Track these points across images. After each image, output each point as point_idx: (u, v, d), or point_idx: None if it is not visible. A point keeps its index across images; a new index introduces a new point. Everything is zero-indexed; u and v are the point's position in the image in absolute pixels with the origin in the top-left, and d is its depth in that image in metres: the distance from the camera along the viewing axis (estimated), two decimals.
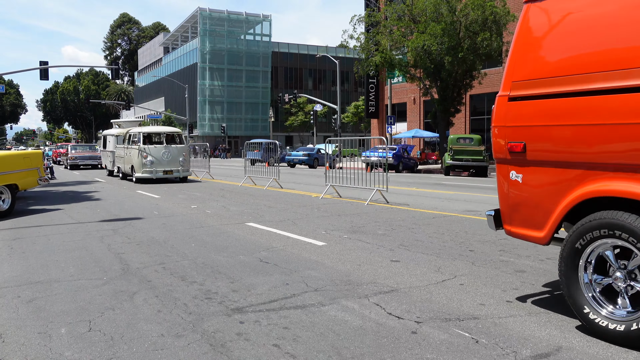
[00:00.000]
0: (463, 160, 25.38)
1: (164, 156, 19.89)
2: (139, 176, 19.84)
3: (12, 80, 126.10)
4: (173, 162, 20.13)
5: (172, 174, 20.14)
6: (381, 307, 4.55)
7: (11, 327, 4.18)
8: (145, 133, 20.55)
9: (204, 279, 5.58)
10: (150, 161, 19.60)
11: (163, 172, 19.86)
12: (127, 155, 21.13)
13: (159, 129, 21.78)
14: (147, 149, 19.69)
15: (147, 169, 19.62)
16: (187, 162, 20.86)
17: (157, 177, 19.83)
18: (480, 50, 27.09)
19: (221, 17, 75.27)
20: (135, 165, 20.02)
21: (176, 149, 20.32)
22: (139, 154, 19.68)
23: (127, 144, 21.28)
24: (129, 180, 21.71)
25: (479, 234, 8.22)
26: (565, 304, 4.57)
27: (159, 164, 19.79)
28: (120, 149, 22.80)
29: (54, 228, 9.37)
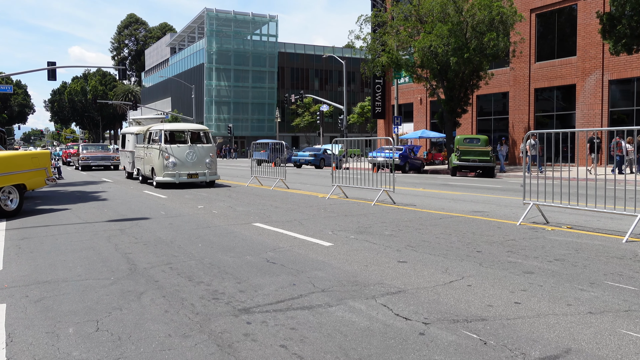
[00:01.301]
0: (470, 160, 25.29)
1: (189, 157, 17.42)
2: (160, 180, 17.33)
3: (20, 80, 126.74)
4: (199, 164, 17.65)
5: (198, 177, 17.62)
6: (388, 308, 4.54)
7: (19, 327, 4.19)
8: (167, 131, 18.14)
9: (211, 279, 5.58)
10: (172, 163, 17.16)
11: (187, 175, 17.39)
12: (147, 155, 18.72)
13: (183, 126, 19.23)
14: (169, 149, 17.22)
15: (169, 172, 17.20)
16: (215, 163, 18.21)
17: (181, 181, 17.28)
18: (487, 51, 26.98)
19: (228, 17, 75.40)
20: (156, 168, 17.60)
21: (202, 149, 17.82)
22: (159, 155, 17.32)
23: (147, 143, 18.88)
24: (149, 184, 19.38)
25: (486, 234, 8.19)
26: (574, 306, 4.54)
27: (182, 166, 17.33)
28: (140, 149, 20.30)
29: (62, 228, 9.41)
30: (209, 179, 17.90)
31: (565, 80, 30.77)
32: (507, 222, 9.50)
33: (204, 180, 17.80)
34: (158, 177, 17.43)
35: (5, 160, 11.24)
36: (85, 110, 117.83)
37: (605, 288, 5.10)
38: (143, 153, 19.38)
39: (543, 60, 32.16)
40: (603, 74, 28.87)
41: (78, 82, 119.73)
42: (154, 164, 17.85)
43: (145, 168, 19.16)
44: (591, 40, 29.07)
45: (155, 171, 17.70)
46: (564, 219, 9.78)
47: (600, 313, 4.36)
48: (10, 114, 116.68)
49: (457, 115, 30.13)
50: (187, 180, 17.40)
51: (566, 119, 31.34)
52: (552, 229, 8.60)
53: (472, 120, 36.55)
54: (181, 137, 19.27)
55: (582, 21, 29.62)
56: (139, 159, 20.29)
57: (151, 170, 18.21)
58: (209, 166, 17.82)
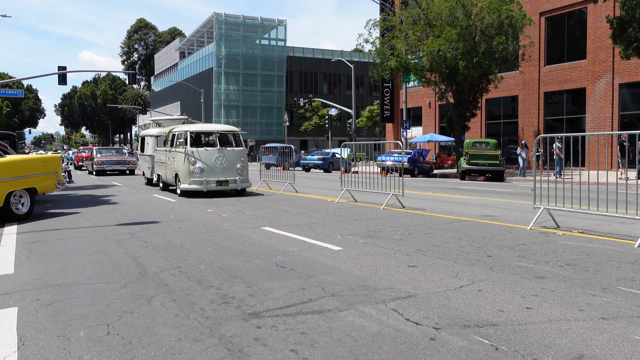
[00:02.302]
0: (479, 164, 25.21)
1: (217, 162, 15.55)
2: (185, 188, 15.46)
3: (31, 85, 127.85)
4: (229, 170, 15.75)
5: (228, 185, 15.68)
6: (399, 313, 4.52)
7: (31, 330, 4.21)
8: (193, 132, 16.22)
9: (221, 283, 5.58)
10: (199, 168, 15.29)
11: (216, 182, 15.46)
12: (170, 160, 16.96)
13: (211, 127, 17.65)
14: (195, 153, 15.37)
15: (195, 179, 15.30)
16: (246, 169, 16.38)
17: (209, 189, 15.42)
18: (496, 54, 26.91)
19: (237, 22, 75.69)
20: (181, 174, 15.74)
21: (233, 153, 15.95)
22: (185, 159, 15.48)
23: (169, 146, 17.29)
24: (171, 191, 17.85)
25: (496, 239, 8.15)
26: (586, 311, 4.51)
27: (211, 173, 15.46)
28: (160, 153, 18.54)
29: (72, 232, 9.46)
30: (240, 187, 15.96)
31: (575, 83, 30.61)
32: (518, 226, 9.45)
33: (234, 188, 15.92)
34: (183, 184, 15.57)
35: (16, 164, 11.33)
36: (95, 114, 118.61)
37: (617, 293, 5.05)
38: (165, 157, 17.66)
39: (553, 63, 32.03)
40: (613, 78, 28.70)
41: (88, 87, 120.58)
42: (178, 170, 16.03)
43: (168, 174, 17.43)
44: (601, 44, 28.92)
45: (179, 178, 15.86)
46: (575, 223, 9.72)
47: (613, 319, 4.32)
48: (21, 118, 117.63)
49: (466, 119, 30.06)
50: (216, 189, 15.54)
51: (576, 123, 31.17)
52: (563, 234, 8.55)
53: (481, 124, 36.44)
54: (209, 139, 17.51)
55: (592, 24, 29.48)
56: (160, 163, 18.58)
57: (174, 177, 16.44)
58: (240, 172, 15.93)
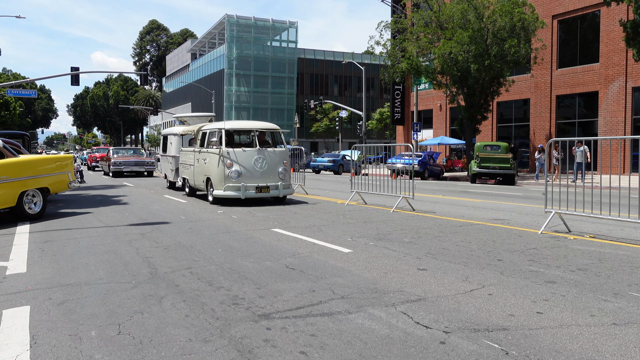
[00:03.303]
0: (490, 167, 25.11)
1: (257, 165, 13.55)
2: (219, 195, 13.53)
3: (44, 85, 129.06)
4: (270, 174, 13.76)
5: (269, 191, 13.73)
6: (408, 316, 4.51)
7: (43, 329, 4.25)
8: (229, 130, 14.33)
9: (231, 285, 5.60)
10: (236, 172, 13.34)
11: (256, 189, 13.52)
12: (200, 162, 14.90)
13: (249, 124, 15.51)
14: (232, 154, 13.44)
15: (232, 184, 13.38)
16: (289, 173, 14.41)
17: (248, 196, 13.47)
18: (508, 57, 26.79)
19: (248, 23, 75.93)
20: (214, 178, 13.76)
21: (274, 154, 13.97)
22: (219, 162, 13.52)
23: (198, 145, 15.36)
24: (199, 196, 16.14)
25: (507, 243, 8.11)
26: (598, 317, 4.48)
27: (249, 177, 13.49)
28: (187, 154, 16.52)
29: (84, 231, 9.53)
30: (283, 194, 13.97)
31: (588, 87, 30.41)
32: (529, 230, 9.40)
33: (275, 195, 13.96)
34: (217, 190, 13.59)
35: (29, 164, 11.43)
36: (107, 114, 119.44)
37: (629, 299, 5.02)
38: (193, 159, 15.56)
39: (565, 66, 31.84)
40: (626, 81, 28.48)
41: (100, 87, 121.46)
42: (210, 173, 13.99)
43: (197, 178, 15.30)
44: (614, 47, 28.71)
45: (212, 183, 13.84)
46: (586, 227, 9.65)
47: (625, 324, 4.29)
48: (34, 119, 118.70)
49: (477, 122, 29.95)
50: (255, 196, 13.58)
51: (588, 127, 30.95)
52: (575, 238, 8.49)
53: (492, 127, 36.28)
54: (247, 138, 15.73)
55: (605, 27, 29.28)
56: (186, 166, 16.43)
57: (205, 182, 14.45)
58: (282, 176, 13.95)
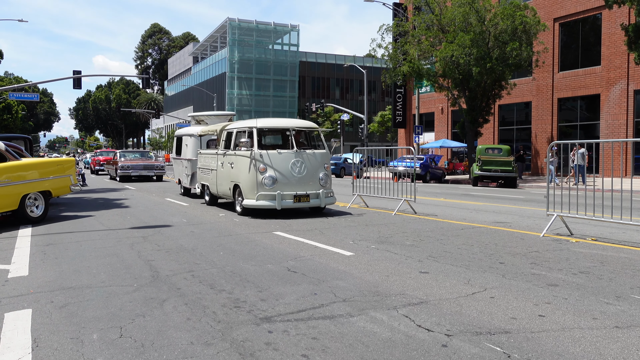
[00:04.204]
0: (491, 170, 25.08)
1: (295, 170, 11.76)
2: (250, 204, 11.69)
3: (46, 89, 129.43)
4: (309, 181, 11.93)
5: (309, 201, 11.85)
6: (410, 319, 4.51)
7: (45, 332, 4.25)
8: (262, 129, 12.55)
9: (233, 288, 5.60)
10: (271, 178, 11.51)
11: (294, 198, 11.67)
12: (225, 166, 13.08)
13: (284, 123, 13.48)
14: (265, 157, 11.65)
15: (266, 192, 11.53)
16: (330, 179, 12.55)
17: (285, 206, 11.59)
18: (510, 60, 26.78)
19: (250, 27, 76.05)
20: (244, 185, 11.94)
21: (314, 158, 12.13)
22: (250, 166, 11.73)
23: (222, 147, 13.55)
24: (222, 205, 14.39)
25: (509, 246, 8.10)
26: (600, 320, 4.47)
27: (286, 184, 11.68)
28: (207, 157, 14.71)
29: (86, 234, 9.54)
30: (324, 203, 12.09)
31: (589, 90, 30.39)
32: (530, 233, 9.39)
33: (316, 205, 12.10)
34: (248, 200, 11.80)
35: (31, 167, 11.45)
36: (109, 118, 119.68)
37: (632, 302, 5.01)
38: (216, 162, 13.77)
39: (566, 69, 31.83)
40: (628, 84, 28.46)
41: (102, 91, 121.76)
42: (239, 180, 12.19)
43: (221, 184, 13.49)
44: (616, 50, 28.70)
45: (242, 190, 12.03)
46: (588, 230, 9.64)
47: (627, 327, 4.28)
48: (36, 122, 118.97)
49: (478, 125, 29.93)
50: (293, 206, 11.73)
51: (590, 129, 30.93)
52: (577, 241, 8.48)
53: (494, 130, 36.26)
54: (281, 139, 14.06)
55: (607, 31, 29.27)
56: (207, 170, 14.59)
57: (232, 189, 12.65)
58: (323, 183, 12.09)
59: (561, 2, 31.78)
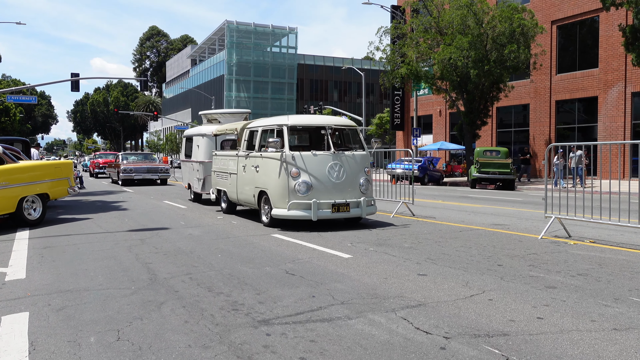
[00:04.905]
0: (490, 173, 25.10)
1: (332, 174, 10.19)
2: (281, 214, 10.14)
3: (44, 91, 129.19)
4: (348, 187, 10.34)
5: (349, 210, 10.23)
6: (408, 322, 4.50)
7: (42, 335, 4.24)
8: (295, 126, 11.16)
9: (231, 290, 5.59)
10: (305, 184, 9.96)
11: (332, 207, 10.04)
12: (248, 170, 11.56)
13: (319, 120, 12.08)
14: (298, 159, 10.09)
15: (299, 200, 9.95)
16: (371, 185, 11.04)
17: (322, 216, 10.01)
18: (508, 63, 26.83)
19: (248, 29, 76.12)
20: (273, 192, 10.38)
21: (353, 160, 10.57)
22: (280, 169, 10.18)
23: (243, 149, 12.00)
24: (242, 213, 13.09)
25: (507, 248, 8.10)
26: (598, 322, 4.46)
27: (322, 190, 10.08)
28: (224, 159, 13.22)
29: (83, 237, 9.52)
30: (366, 213, 10.51)
31: (587, 92, 30.44)
32: (529, 235, 9.39)
33: (357, 215, 10.49)
34: (278, 209, 10.21)
35: (28, 170, 11.43)
36: (107, 120, 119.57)
37: (630, 304, 5.00)
38: (236, 165, 12.28)
39: (564, 72, 31.89)
40: (626, 86, 28.52)
41: (100, 93, 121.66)
42: (266, 185, 10.67)
43: (241, 191, 12.00)
44: (613, 52, 28.76)
45: (270, 198, 10.47)
46: (586, 232, 9.64)
47: (626, 330, 4.28)
48: (34, 124, 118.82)
49: (476, 127, 29.97)
50: (332, 216, 10.16)
51: (588, 132, 30.98)
52: (575, 243, 8.48)
53: (492, 132, 36.30)
54: (308, 138, 12.76)
55: (604, 33, 29.34)
56: (224, 174, 13.10)
57: (257, 196, 11.08)
58: (364, 190, 10.57)
59: (559, 5, 31.87)
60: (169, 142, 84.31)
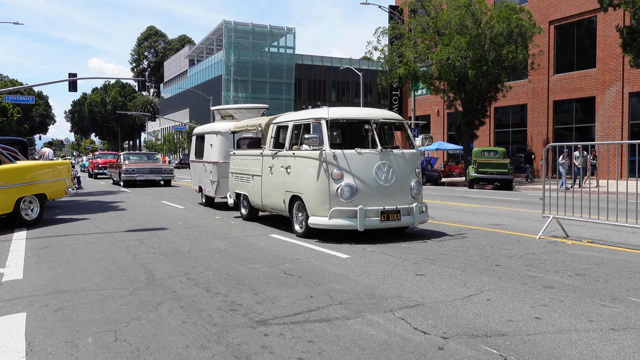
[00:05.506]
0: (487, 173, 25.11)
1: (380, 176, 8.79)
2: (320, 223, 8.73)
3: (41, 91, 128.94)
4: (398, 191, 8.97)
5: (400, 218, 8.85)
6: (406, 322, 4.50)
7: (39, 336, 4.23)
8: (338, 119, 9.41)
9: (228, 291, 5.58)
10: (349, 188, 8.56)
11: (381, 215, 8.66)
12: (276, 171, 10.11)
13: (363, 113, 9.98)
14: (340, 158, 8.71)
15: (342, 207, 8.57)
16: (422, 189, 9.62)
17: (370, 226, 8.62)
18: (506, 63, 26.85)
19: (246, 29, 76.07)
20: (310, 197, 8.94)
21: (403, 160, 9.19)
22: (319, 170, 8.77)
23: (269, 147, 10.54)
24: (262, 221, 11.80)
25: (505, 248, 8.10)
26: (596, 322, 4.47)
27: (369, 195, 8.69)
28: (244, 159, 11.80)
29: (81, 237, 9.50)
30: (419, 221, 9.15)
31: (585, 92, 30.49)
32: (527, 235, 9.40)
33: (408, 224, 9.09)
34: (316, 217, 8.82)
35: (26, 170, 11.41)
36: (104, 120, 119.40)
37: (628, 304, 5.01)
38: (260, 166, 10.83)
39: (562, 72, 31.93)
40: (623, 87, 28.57)
41: (98, 94, 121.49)
42: (301, 189, 9.22)
43: (268, 195, 10.51)
44: (611, 53, 28.81)
45: (306, 204, 9.02)
46: (584, 233, 9.65)
47: (624, 330, 4.28)
48: (31, 125, 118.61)
49: (474, 127, 29.98)
50: (380, 225, 8.74)
51: (585, 132, 31.02)
52: (573, 243, 8.49)
53: (489, 133, 36.33)
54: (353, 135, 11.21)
55: (602, 33, 29.39)
56: (243, 176, 11.78)
57: (289, 201, 9.62)
58: (415, 194, 9.20)
59: (556, 5, 31.91)
60: (167, 142, 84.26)
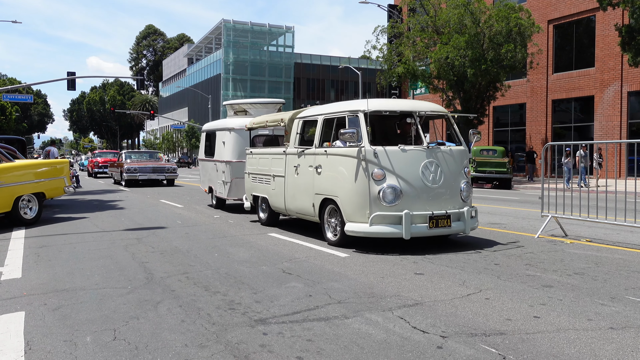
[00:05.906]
0: (486, 172, 25.12)
1: (427, 176, 7.74)
2: (360, 230, 7.67)
3: (40, 90, 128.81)
4: (446, 194, 7.95)
5: (449, 225, 7.82)
6: (405, 321, 4.50)
7: (38, 335, 4.22)
8: (379, 111, 8.21)
9: (227, 289, 5.58)
10: (393, 190, 7.52)
11: (429, 220, 7.63)
12: (302, 172, 9.05)
13: (405, 105, 8.75)
14: (382, 157, 7.64)
15: (384, 212, 7.53)
16: (471, 190, 8.53)
17: (417, 233, 7.58)
18: (504, 62, 26.85)
19: (245, 28, 76.02)
20: (347, 200, 7.88)
21: (451, 158, 8.10)
22: (358, 170, 7.72)
23: (294, 144, 9.42)
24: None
25: (503, 247, 8.11)
26: (595, 321, 4.47)
27: (415, 198, 7.65)
28: (263, 159, 10.73)
29: (80, 236, 9.49)
30: (470, 227, 8.16)
31: (583, 91, 30.50)
32: (525, 234, 9.40)
33: (459, 231, 8.05)
34: (354, 222, 7.79)
35: (24, 168, 11.39)
36: (103, 119, 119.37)
37: (626, 303, 5.01)
38: (283, 166, 9.75)
39: (561, 71, 31.94)
40: (622, 86, 28.58)
41: (97, 92, 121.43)
42: (335, 191, 8.15)
43: (294, 198, 9.40)
44: (610, 52, 28.83)
45: (342, 208, 7.99)
46: (583, 232, 9.66)
47: (622, 329, 4.28)
48: (30, 123, 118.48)
49: (473, 126, 29.97)
50: (428, 233, 7.71)
51: (584, 131, 31.04)
52: (571, 242, 8.50)
53: (488, 132, 36.35)
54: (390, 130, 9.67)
55: (601, 32, 29.40)
56: (262, 177, 10.69)
57: (319, 205, 8.60)
58: (465, 197, 8.20)
59: (555, 4, 31.91)
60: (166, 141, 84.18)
